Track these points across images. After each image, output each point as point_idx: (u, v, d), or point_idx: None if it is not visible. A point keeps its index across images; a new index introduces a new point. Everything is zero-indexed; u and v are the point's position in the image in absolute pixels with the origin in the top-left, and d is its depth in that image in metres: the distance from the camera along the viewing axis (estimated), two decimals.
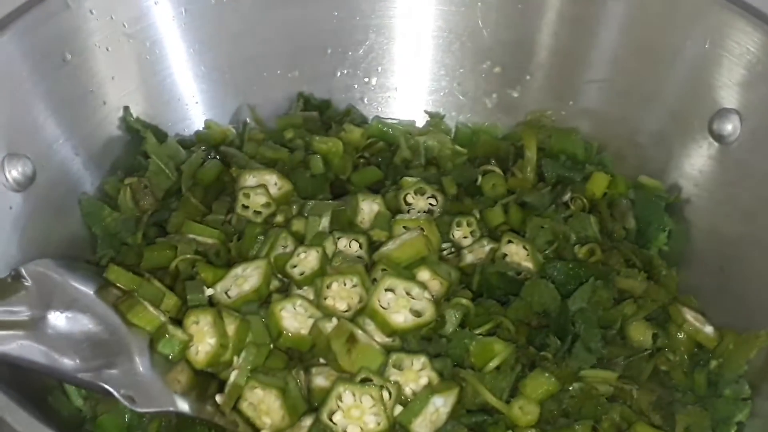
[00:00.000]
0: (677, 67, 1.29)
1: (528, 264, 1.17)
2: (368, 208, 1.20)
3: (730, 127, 1.23)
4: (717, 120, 1.24)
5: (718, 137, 1.24)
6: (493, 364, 1.02)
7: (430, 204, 1.25)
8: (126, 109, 1.30)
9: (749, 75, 1.21)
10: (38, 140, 1.18)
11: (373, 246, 1.15)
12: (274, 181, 1.22)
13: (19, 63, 1.16)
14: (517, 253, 1.18)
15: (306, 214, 1.16)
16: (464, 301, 1.09)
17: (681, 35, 1.27)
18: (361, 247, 1.14)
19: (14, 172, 1.13)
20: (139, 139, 1.29)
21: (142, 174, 1.25)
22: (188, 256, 1.12)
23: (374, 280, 1.07)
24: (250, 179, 1.22)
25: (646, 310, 1.13)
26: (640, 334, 1.12)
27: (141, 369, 0.96)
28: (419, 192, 1.25)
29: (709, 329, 1.14)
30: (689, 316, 1.14)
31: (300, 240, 1.14)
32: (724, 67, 1.23)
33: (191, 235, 1.15)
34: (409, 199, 1.25)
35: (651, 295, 1.16)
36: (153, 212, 1.21)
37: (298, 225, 1.15)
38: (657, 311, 1.15)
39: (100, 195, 1.25)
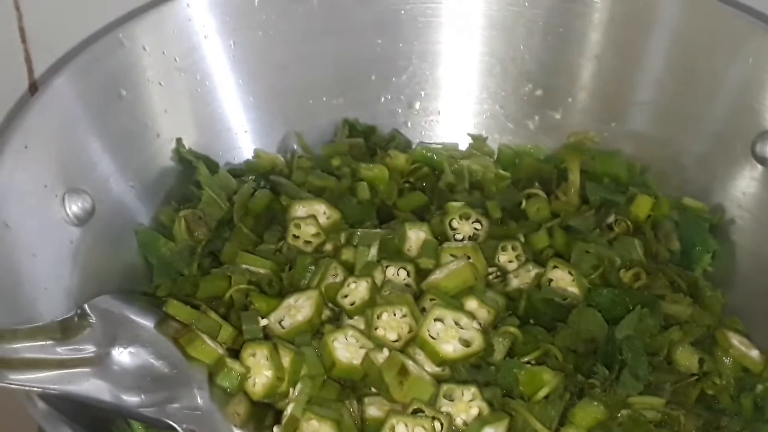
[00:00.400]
0: (720, 90, 1.30)
1: (573, 289, 1.18)
2: (415, 236, 1.22)
3: None
4: (760, 142, 1.25)
5: (761, 159, 1.25)
6: (542, 394, 1.04)
7: (475, 228, 1.27)
8: (178, 140, 1.34)
9: None
10: (96, 175, 1.22)
11: (421, 274, 1.17)
12: (323, 211, 1.25)
13: (76, 102, 1.21)
14: (562, 279, 1.19)
15: (355, 244, 1.19)
16: (512, 329, 1.11)
17: (724, 58, 1.28)
18: (408, 275, 1.16)
19: (74, 207, 1.17)
20: (192, 170, 1.33)
21: (195, 204, 1.29)
22: (242, 286, 1.15)
23: (423, 309, 1.10)
24: (300, 210, 1.25)
25: (693, 336, 1.14)
26: (687, 359, 1.13)
27: (201, 402, 0.99)
28: (464, 217, 1.27)
29: (755, 353, 1.14)
30: (735, 340, 1.15)
31: (349, 269, 1.16)
32: (765, 90, 1.24)
33: (244, 265, 1.18)
34: (455, 224, 1.27)
35: (696, 320, 1.17)
36: (207, 242, 1.25)
37: (347, 254, 1.18)
38: (703, 335, 1.16)
39: (155, 225, 1.29)
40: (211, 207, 1.27)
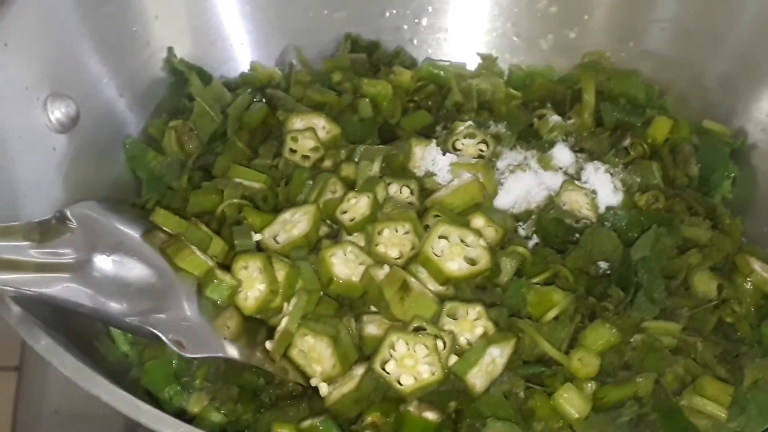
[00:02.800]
0: (746, 7, 1.22)
1: (588, 212, 1.12)
2: (421, 152, 1.15)
3: None
4: None
5: None
6: (551, 314, 0.98)
7: (480, 150, 1.20)
8: (170, 49, 1.26)
9: None
10: (81, 80, 1.15)
11: (425, 193, 1.11)
12: (322, 125, 1.18)
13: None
14: (576, 201, 1.13)
15: (356, 159, 1.12)
16: (520, 249, 1.04)
17: None
18: (412, 193, 1.10)
19: (57, 113, 1.10)
20: (184, 81, 1.25)
21: (187, 117, 1.22)
22: (235, 200, 1.08)
23: (426, 227, 1.03)
24: (297, 123, 1.18)
25: (712, 260, 1.08)
26: (705, 284, 1.06)
27: (189, 314, 0.94)
28: (470, 136, 1.20)
29: None
30: (757, 266, 1.09)
31: (350, 185, 1.10)
32: None
33: (238, 180, 1.12)
34: (458, 144, 1.20)
35: (716, 245, 1.10)
36: (198, 156, 1.18)
37: (347, 170, 1.12)
38: (722, 261, 1.10)
39: (144, 138, 1.22)
40: (203, 119, 1.20)
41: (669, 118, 1.25)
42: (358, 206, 1.06)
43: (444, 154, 1.16)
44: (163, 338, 0.89)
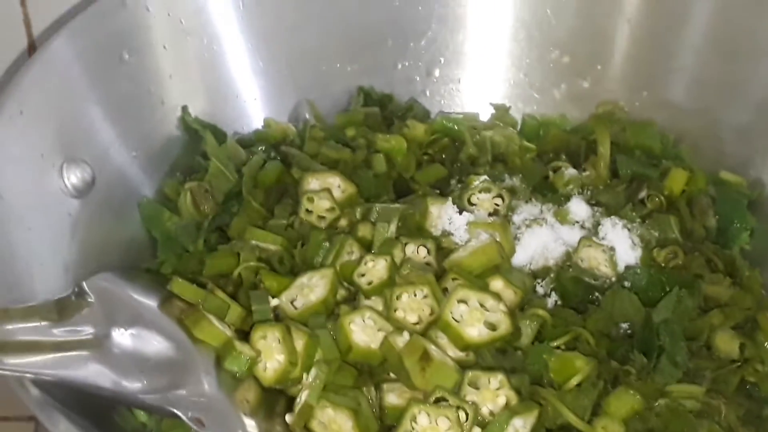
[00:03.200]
0: (763, 57, 1.21)
1: (606, 270, 1.11)
2: (437, 211, 1.15)
3: None
4: None
5: None
6: (574, 381, 0.97)
7: (496, 204, 1.19)
8: (184, 108, 1.26)
9: None
10: (96, 144, 1.15)
11: (443, 252, 1.10)
12: (337, 184, 1.18)
13: (75, 65, 1.13)
14: (594, 258, 1.12)
15: (373, 220, 1.12)
16: (540, 311, 1.03)
17: (765, 23, 1.19)
18: (429, 253, 1.09)
19: (73, 178, 1.10)
20: (198, 140, 1.25)
21: (202, 176, 1.22)
22: (251, 263, 1.08)
23: (445, 289, 1.03)
24: (313, 183, 1.17)
25: (734, 319, 1.07)
26: (727, 344, 1.05)
27: (208, 388, 0.93)
28: (485, 191, 1.20)
29: None
30: None
31: (366, 247, 1.09)
32: None
33: (254, 242, 1.11)
34: (474, 199, 1.19)
35: (737, 302, 1.09)
36: (214, 216, 1.17)
37: (363, 230, 1.11)
38: (743, 319, 1.08)
39: (159, 198, 1.22)
40: (218, 179, 1.20)
41: (685, 169, 1.24)
42: (375, 269, 1.05)
43: (460, 213, 1.15)
44: (183, 417, 0.88)
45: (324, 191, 1.15)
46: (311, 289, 1.04)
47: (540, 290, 1.10)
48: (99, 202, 1.13)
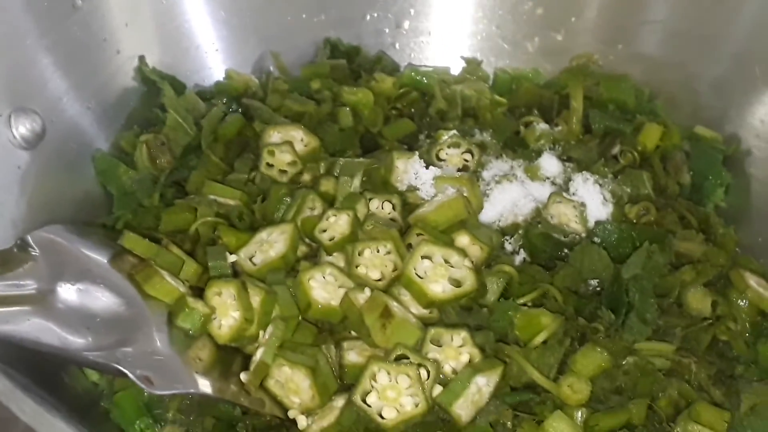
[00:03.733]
0: (740, 9, 1.18)
1: (576, 226, 1.08)
2: (404, 166, 1.11)
3: None
4: None
5: None
6: (539, 339, 0.94)
7: (465, 160, 1.15)
8: (141, 58, 1.21)
9: None
10: (47, 93, 1.09)
11: (408, 208, 1.06)
12: (300, 137, 1.13)
13: (25, 11, 1.07)
14: (564, 214, 1.09)
15: (336, 174, 1.08)
16: (507, 268, 1.00)
17: None
18: (394, 208, 1.05)
19: (22, 129, 1.05)
20: (156, 91, 1.20)
21: (159, 129, 1.17)
22: (209, 218, 1.04)
23: (409, 245, 0.99)
24: (274, 135, 1.13)
25: (706, 276, 1.04)
26: (699, 301, 1.03)
27: (159, 346, 0.89)
28: (454, 146, 1.16)
29: None
30: (752, 281, 1.05)
31: (329, 202, 1.05)
32: None
33: (212, 196, 1.07)
34: (443, 155, 1.15)
35: (710, 259, 1.06)
36: (171, 171, 1.13)
37: (326, 185, 1.07)
38: (716, 276, 1.06)
39: (114, 151, 1.17)
40: (176, 132, 1.15)
41: (659, 124, 1.21)
42: (337, 224, 1.01)
43: (427, 167, 1.11)
44: (130, 375, 0.84)
45: (286, 144, 1.11)
46: (271, 245, 1.00)
47: (508, 247, 1.07)
48: (50, 155, 1.08)
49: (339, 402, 0.90)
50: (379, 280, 0.97)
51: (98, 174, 1.14)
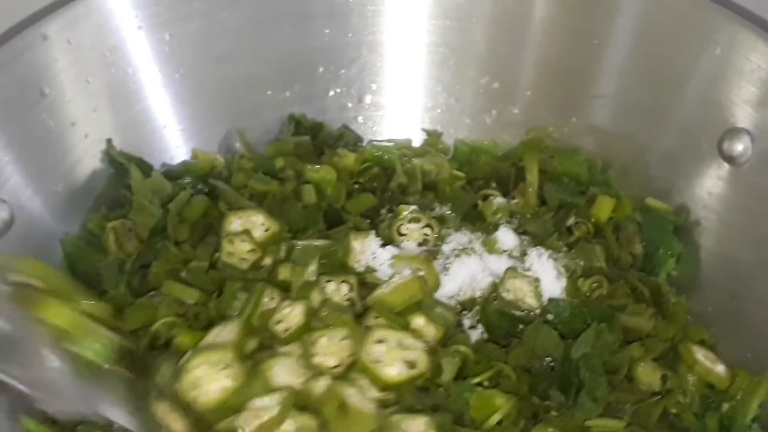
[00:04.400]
0: (686, 83, 1.22)
1: (531, 301, 1.11)
2: (360, 246, 1.14)
3: (740, 147, 1.16)
4: (727, 140, 1.17)
5: (729, 158, 1.18)
6: (494, 419, 0.97)
7: (425, 234, 1.19)
8: (109, 141, 1.24)
9: (761, 94, 1.14)
10: (14, 180, 1.13)
11: (367, 287, 1.10)
12: (261, 222, 1.16)
13: None
14: (520, 289, 1.12)
15: (293, 261, 1.11)
16: (462, 348, 1.04)
17: (691, 49, 1.20)
18: (352, 289, 1.09)
19: None
20: (124, 173, 1.23)
21: (127, 210, 1.20)
22: (168, 319, 1.07)
23: (367, 327, 1.02)
24: (234, 222, 1.16)
25: (655, 352, 1.08)
26: (648, 376, 1.06)
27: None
28: (414, 221, 1.20)
29: (720, 368, 1.09)
30: (700, 355, 1.09)
31: (287, 289, 1.08)
32: (735, 84, 1.16)
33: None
34: (403, 229, 1.19)
35: (659, 334, 1.10)
36: (137, 255, 1.16)
37: (284, 272, 1.10)
38: (666, 350, 1.10)
39: (83, 234, 1.20)
40: (142, 215, 1.18)
41: (612, 196, 1.25)
42: (292, 315, 1.04)
43: (384, 246, 1.15)
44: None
45: (245, 233, 1.14)
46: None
47: (466, 322, 1.11)
48: (18, 240, 1.11)
49: None
50: (337, 366, 0.99)
51: (66, 257, 1.17)
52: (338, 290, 1.08)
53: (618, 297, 1.15)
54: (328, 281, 1.08)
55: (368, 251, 1.14)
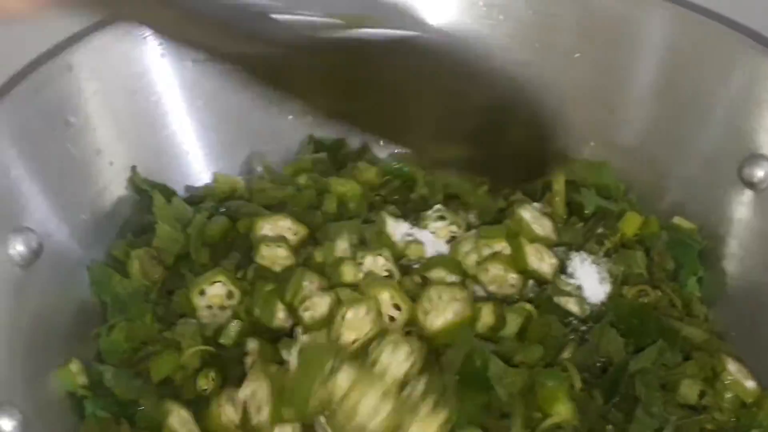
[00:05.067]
0: (708, 110, 1.22)
1: (574, 308, 1.12)
2: (394, 226, 1.16)
3: (761, 173, 1.16)
4: (748, 166, 1.17)
5: (750, 184, 1.18)
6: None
7: (452, 231, 1.20)
8: (133, 168, 1.25)
9: None
10: (42, 210, 1.13)
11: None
12: (288, 227, 1.17)
13: (20, 130, 1.12)
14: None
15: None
16: (527, 306, 1.07)
17: (713, 77, 1.20)
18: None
19: (19, 247, 1.09)
20: (148, 199, 1.24)
21: (152, 236, 1.20)
22: (194, 349, 1.07)
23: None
24: (265, 228, 1.17)
25: (705, 369, 1.08)
26: (688, 389, 1.05)
27: None
28: (440, 219, 1.21)
29: (751, 384, 1.08)
30: (732, 367, 1.08)
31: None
32: (756, 112, 1.16)
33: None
34: (431, 228, 1.20)
35: (708, 347, 1.10)
36: (163, 283, 1.16)
37: (319, 256, 1.13)
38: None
39: (108, 260, 1.21)
40: (166, 242, 1.18)
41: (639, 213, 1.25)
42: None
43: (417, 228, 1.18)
44: None
45: (280, 238, 1.15)
46: None
47: None
48: (47, 268, 1.12)
49: None
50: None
51: (93, 285, 1.18)
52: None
53: (662, 308, 1.14)
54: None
55: (402, 231, 1.15)
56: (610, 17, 1.27)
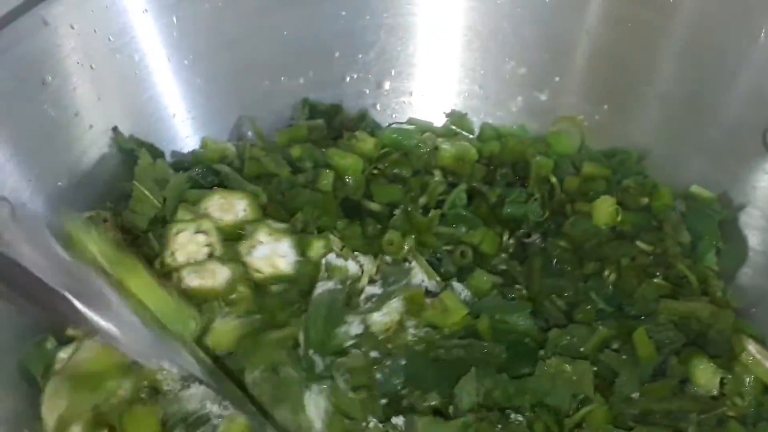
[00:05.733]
0: (729, 74, 1.15)
1: None
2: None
3: None
4: None
5: None
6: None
7: None
8: (115, 128, 1.17)
9: None
10: (16, 177, 1.05)
11: None
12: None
13: None
14: None
15: None
16: None
17: (737, 40, 1.14)
18: None
19: None
20: (132, 163, 1.15)
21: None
22: None
23: None
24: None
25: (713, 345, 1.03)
26: (707, 378, 1.00)
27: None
28: None
29: None
30: (752, 348, 1.02)
31: None
32: None
33: None
34: None
35: (716, 322, 1.05)
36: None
37: None
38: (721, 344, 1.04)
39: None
40: (142, 204, 1.11)
41: (648, 184, 1.20)
42: None
43: None
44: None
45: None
46: None
47: None
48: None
49: None
50: None
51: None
52: None
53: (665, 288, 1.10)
54: None
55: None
56: None
